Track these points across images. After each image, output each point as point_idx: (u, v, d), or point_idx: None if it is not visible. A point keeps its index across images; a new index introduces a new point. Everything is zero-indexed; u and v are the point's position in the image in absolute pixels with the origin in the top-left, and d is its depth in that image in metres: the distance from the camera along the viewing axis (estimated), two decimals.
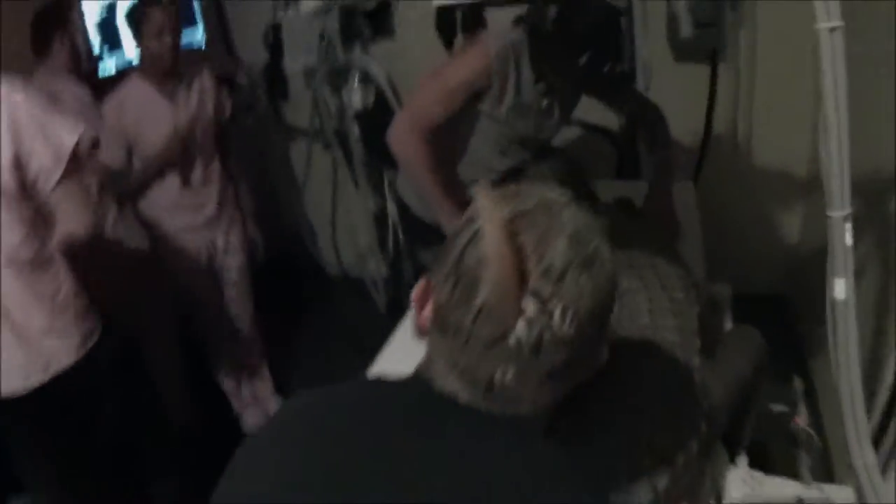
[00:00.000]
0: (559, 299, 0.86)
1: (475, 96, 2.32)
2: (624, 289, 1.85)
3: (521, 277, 0.86)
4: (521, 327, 0.86)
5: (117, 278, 2.76)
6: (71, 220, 1.98)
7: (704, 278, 2.44)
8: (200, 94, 3.09)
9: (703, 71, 3.29)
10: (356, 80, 3.52)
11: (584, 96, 2.62)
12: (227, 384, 3.52)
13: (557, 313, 0.86)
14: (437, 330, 0.95)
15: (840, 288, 1.58)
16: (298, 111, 4.14)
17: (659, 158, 2.62)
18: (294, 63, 3.73)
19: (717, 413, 1.62)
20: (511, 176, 2.53)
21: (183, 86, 3.03)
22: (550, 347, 0.88)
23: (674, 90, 3.23)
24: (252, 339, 3.52)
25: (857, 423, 1.71)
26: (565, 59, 2.25)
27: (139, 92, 2.95)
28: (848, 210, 1.54)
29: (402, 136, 2.31)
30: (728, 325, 2.43)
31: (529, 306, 0.86)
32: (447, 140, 2.45)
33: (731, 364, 1.77)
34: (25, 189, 1.91)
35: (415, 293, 1.01)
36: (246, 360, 3.52)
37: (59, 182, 1.92)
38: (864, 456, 1.73)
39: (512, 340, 0.87)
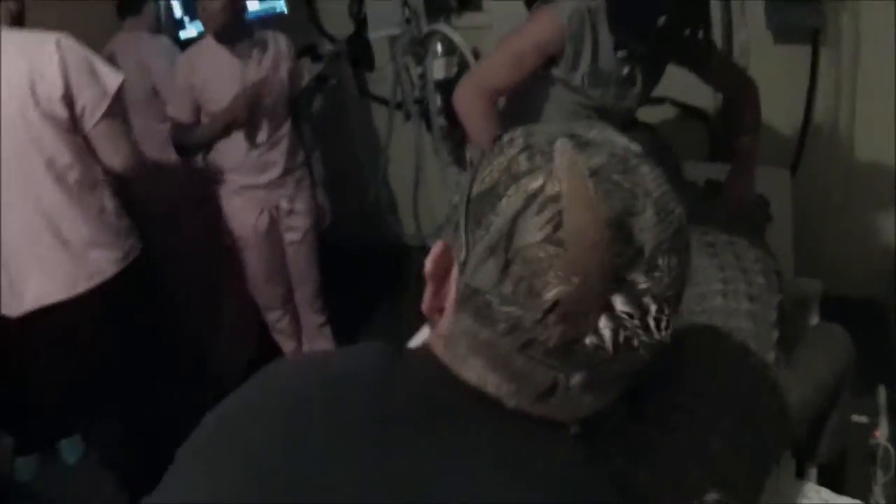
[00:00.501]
0: (653, 291, 0.68)
1: (548, 61, 2.21)
2: (697, 266, 1.68)
3: (609, 262, 0.66)
4: (605, 328, 0.67)
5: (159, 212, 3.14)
6: (109, 155, 2.28)
7: (792, 271, 2.24)
8: (274, 59, 3.10)
9: (804, 54, 3.04)
10: (438, 49, 3.40)
11: (675, 71, 2.45)
12: (287, 345, 3.53)
13: (653, 310, 0.68)
14: (473, 318, 0.72)
15: None
16: (383, 82, 4.03)
17: (745, 137, 2.43)
18: (377, 33, 3.63)
19: (789, 419, 1.43)
20: None
21: (256, 49, 3.04)
22: (639, 350, 0.69)
23: (773, 75, 3.04)
24: (312, 301, 3.52)
25: None
26: (645, 23, 2.08)
27: (211, 52, 2.97)
28: None
29: (467, 98, 2.23)
30: (815, 313, 2.24)
31: (618, 301, 0.67)
32: (517, 107, 2.37)
33: (813, 365, 1.56)
34: (73, 120, 2.18)
35: (429, 264, 0.77)
36: (307, 322, 3.54)
37: (100, 119, 2.21)
38: None
39: (589, 342, 0.68)
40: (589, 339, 0.67)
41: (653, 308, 0.68)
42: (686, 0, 2.06)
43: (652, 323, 0.68)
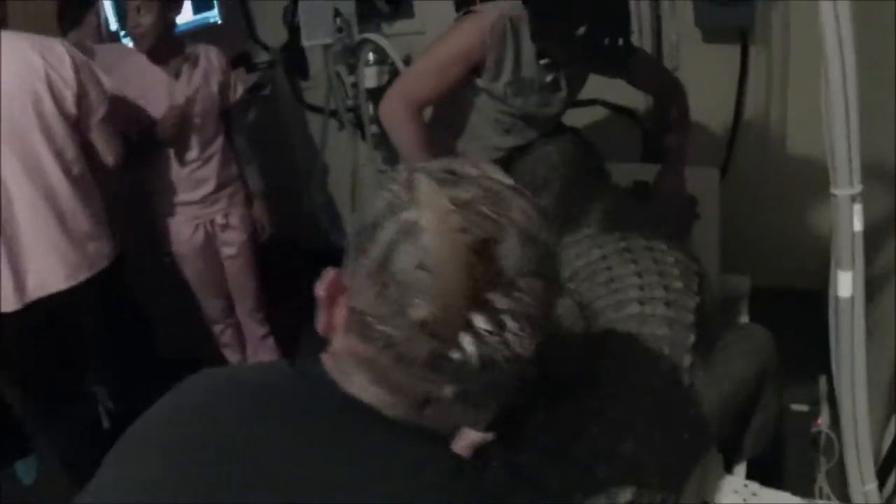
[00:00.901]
0: (513, 310, 0.74)
1: (472, 70, 2.19)
2: (615, 274, 1.65)
3: (470, 285, 0.73)
4: (468, 344, 0.74)
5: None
6: (105, 151, 2.49)
7: (718, 269, 2.23)
8: (205, 74, 3.06)
9: (733, 53, 3.04)
10: (371, 58, 3.35)
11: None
12: (232, 358, 3.50)
13: (512, 327, 0.74)
14: (358, 336, 0.81)
15: (845, 283, 1.33)
16: (318, 90, 3.96)
17: (674, 136, 2.42)
18: (310, 41, 3.56)
19: (705, 420, 1.41)
20: (516, 154, 2.38)
21: (187, 64, 3.00)
22: (502, 364, 0.75)
23: (703, 73, 3.04)
24: (253, 313, 3.49)
25: (858, 445, 1.46)
26: (565, 33, 2.05)
27: (141, 67, 2.93)
28: (857, 189, 1.30)
29: (393, 111, 2.21)
30: (744, 319, 2.22)
31: (479, 320, 0.73)
32: (445, 116, 2.36)
33: (731, 366, 1.54)
34: (80, 119, 2.39)
35: (322, 287, 0.86)
36: (249, 334, 3.52)
37: (101, 118, 2.44)
38: (864, 482, 1.48)
39: (455, 357, 0.74)
40: (454, 355, 0.74)
41: (513, 326, 0.74)
42: (606, 9, 2.04)
43: (511, 339, 0.74)
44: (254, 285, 3.44)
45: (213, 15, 3.76)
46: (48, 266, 2.35)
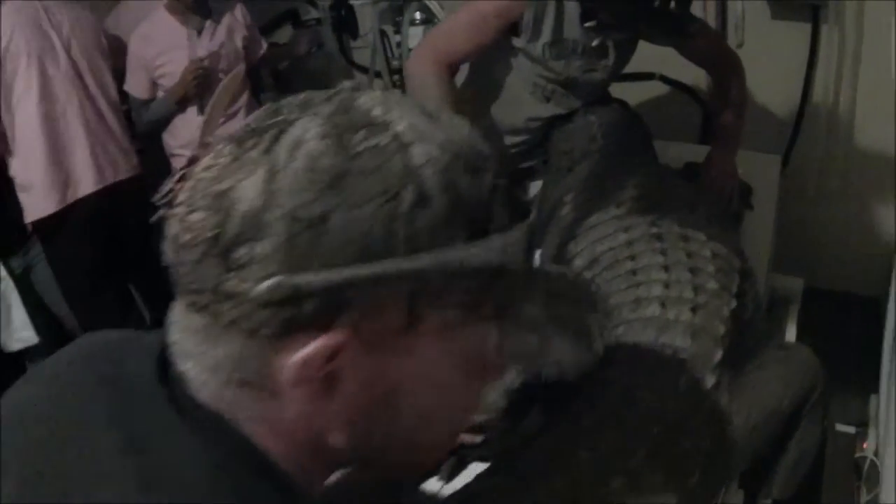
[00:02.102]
0: None
1: (510, 28, 1.93)
2: (639, 266, 1.38)
3: None
4: None
5: None
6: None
7: (768, 268, 1.94)
8: (229, 29, 2.94)
9: (803, 31, 2.71)
10: (417, 16, 3.09)
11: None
12: None
13: None
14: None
15: None
16: (368, 50, 3.70)
17: (728, 115, 2.13)
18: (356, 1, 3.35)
19: (725, 456, 1.14)
20: (557, 123, 2.12)
21: (210, 21, 2.89)
22: None
23: (769, 52, 2.73)
24: None
25: None
26: None
27: (162, 24, 2.84)
28: None
29: (420, 67, 1.96)
30: (792, 328, 1.93)
31: None
32: (479, 79, 2.14)
33: (764, 392, 1.25)
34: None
35: None
36: None
37: None
38: None
39: None
40: None
41: None
42: None
43: None
44: None
45: None
46: (98, 165, 2.65)
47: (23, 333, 2.92)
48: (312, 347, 0.52)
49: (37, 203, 2.58)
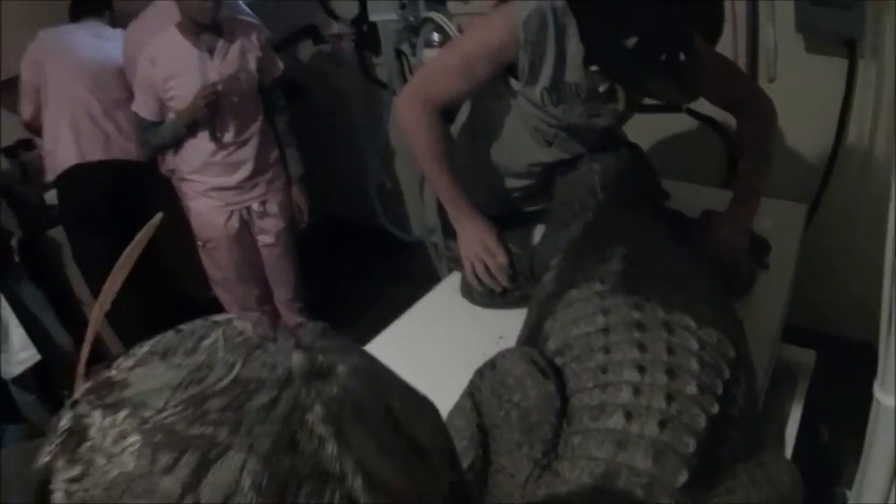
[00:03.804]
0: None
1: (505, 70, 1.79)
2: (611, 360, 1.21)
3: None
4: None
5: None
6: None
7: (778, 337, 1.75)
8: (242, 52, 2.84)
9: (839, 67, 2.48)
10: (435, 37, 2.96)
11: None
12: None
13: None
14: None
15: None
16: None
17: (747, 164, 1.95)
18: (377, 16, 3.23)
19: None
20: (559, 169, 1.96)
21: (222, 41, 2.79)
22: None
23: (801, 88, 2.52)
24: (290, 303, 3.32)
25: None
26: (612, 39, 1.60)
27: (173, 45, 2.77)
28: None
29: (407, 110, 1.83)
30: (798, 409, 1.74)
31: None
32: (481, 118, 2.02)
33: None
34: None
35: None
36: (287, 322, 3.24)
37: None
38: None
39: None
40: None
41: None
42: (665, 16, 1.56)
43: None
44: (292, 274, 3.25)
45: None
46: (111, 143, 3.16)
47: (22, 354, 2.90)
48: None
49: (59, 161, 3.13)
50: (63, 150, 3.12)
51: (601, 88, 1.81)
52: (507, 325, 1.61)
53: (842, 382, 1.89)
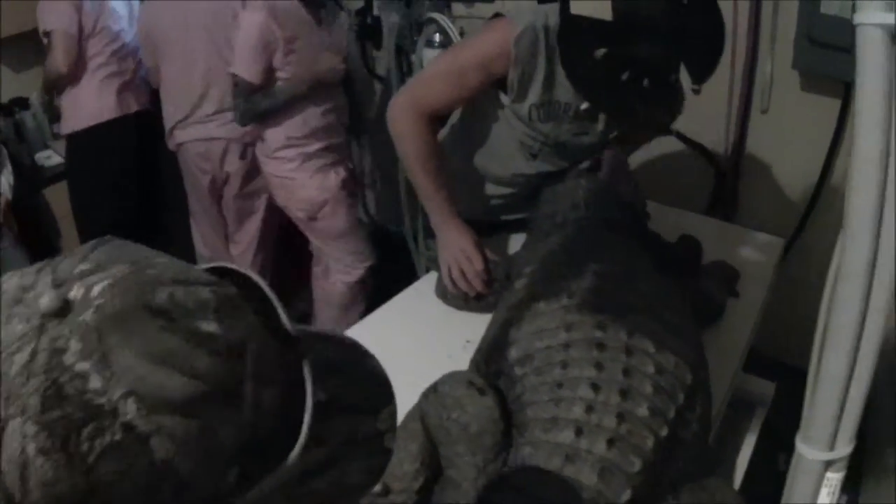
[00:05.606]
0: None
1: (496, 82, 1.82)
2: (568, 377, 1.24)
3: None
4: None
5: None
6: None
7: (738, 366, 1.77)
8: (340, 28, 3.03)
9: (831, 107, 2.50)
10: (436, 38, 2.98)
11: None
12: None
13: None
14: None
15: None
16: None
17: None
18: (380, 11, 3.28)
19: None
20: (544, 182, 1.98)
21: (330, 17, 2.95)
22: None
23: (792, 123, 2.54)
24: None
25: None
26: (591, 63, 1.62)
27: (295, 14, 2.81)
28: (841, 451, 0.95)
29: (398, 116, 1.86)
30: (752, 437, 1.77)
31: None
32: (470, 125, 2.04)
33: None
34: None
35: None
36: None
37: None
38: None
39: None
40: None
41: None
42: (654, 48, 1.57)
43: None
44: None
45: None
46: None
47: None
48: None
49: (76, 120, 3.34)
50: (98, 105, 3.32)
51: (582, 107, 1.82)
52: (475, 330, 1.62)
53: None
